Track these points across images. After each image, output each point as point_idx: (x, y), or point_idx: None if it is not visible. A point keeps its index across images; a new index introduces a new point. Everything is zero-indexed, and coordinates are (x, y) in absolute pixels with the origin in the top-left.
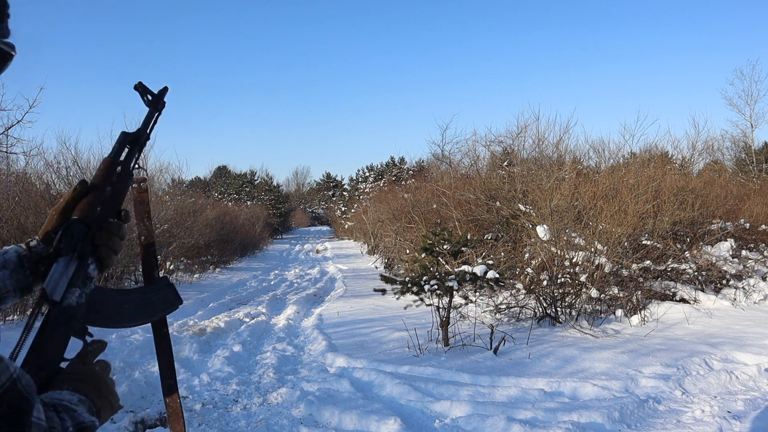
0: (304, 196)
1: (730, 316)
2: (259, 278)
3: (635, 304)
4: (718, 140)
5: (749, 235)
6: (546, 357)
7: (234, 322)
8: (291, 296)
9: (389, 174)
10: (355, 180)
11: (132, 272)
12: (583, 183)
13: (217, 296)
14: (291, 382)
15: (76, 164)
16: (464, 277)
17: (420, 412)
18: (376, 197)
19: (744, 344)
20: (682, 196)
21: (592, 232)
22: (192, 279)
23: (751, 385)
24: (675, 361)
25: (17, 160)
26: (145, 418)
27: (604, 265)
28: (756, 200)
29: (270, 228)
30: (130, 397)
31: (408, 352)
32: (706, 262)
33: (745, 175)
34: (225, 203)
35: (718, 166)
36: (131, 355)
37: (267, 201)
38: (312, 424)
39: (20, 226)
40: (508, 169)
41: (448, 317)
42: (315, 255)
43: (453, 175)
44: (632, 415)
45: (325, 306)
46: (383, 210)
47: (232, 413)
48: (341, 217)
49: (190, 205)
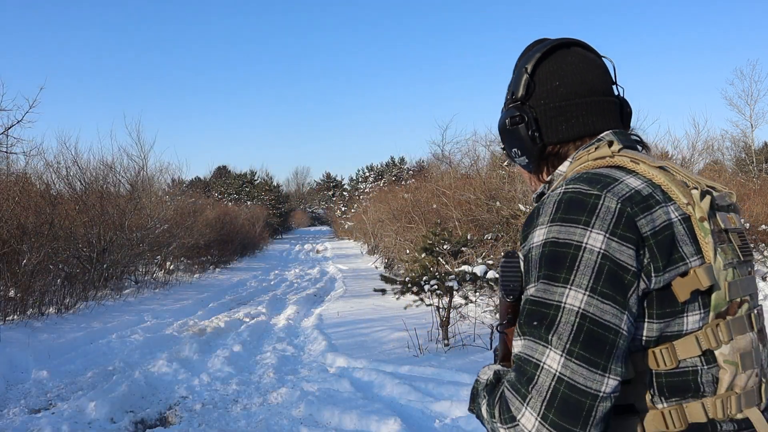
0: (304, 196)
1: None
2: (259, 278)
3: None
4: (718, 140)
5: (749, 235)
6: None
7: (234, 322)
8: (291, 296)
9: (389, 174)
10: (355, 180)
11: (132, 272)
12: None
13: (217, 296)
14: (291, 382)
15: (76, 164)
16: (464, 277)
17: (420, 412)
18: (376, 197)
19: None
20: None
21: None
22: (192, 279)
23: None
24: None
25: (17, 160)
26: (145, 418)
27: None
28: (756, 200)
29: (270, 228)
30: (130, 397)
31: (408, 352)
32: None
33: (745, 175)
34: (225, 203)
35: (718, 166)
36: (131, 355)
37: (267, 201)
38: (312, 424)
39: (20, 226)
40: (509, 169)
41: (448, 317)
42: (315, 255)
43: (453, 175)
44: None
45: (325, 306)
46: (383, 210)
47: (232, 413)
48: (341, 217)
49: (190, 205)
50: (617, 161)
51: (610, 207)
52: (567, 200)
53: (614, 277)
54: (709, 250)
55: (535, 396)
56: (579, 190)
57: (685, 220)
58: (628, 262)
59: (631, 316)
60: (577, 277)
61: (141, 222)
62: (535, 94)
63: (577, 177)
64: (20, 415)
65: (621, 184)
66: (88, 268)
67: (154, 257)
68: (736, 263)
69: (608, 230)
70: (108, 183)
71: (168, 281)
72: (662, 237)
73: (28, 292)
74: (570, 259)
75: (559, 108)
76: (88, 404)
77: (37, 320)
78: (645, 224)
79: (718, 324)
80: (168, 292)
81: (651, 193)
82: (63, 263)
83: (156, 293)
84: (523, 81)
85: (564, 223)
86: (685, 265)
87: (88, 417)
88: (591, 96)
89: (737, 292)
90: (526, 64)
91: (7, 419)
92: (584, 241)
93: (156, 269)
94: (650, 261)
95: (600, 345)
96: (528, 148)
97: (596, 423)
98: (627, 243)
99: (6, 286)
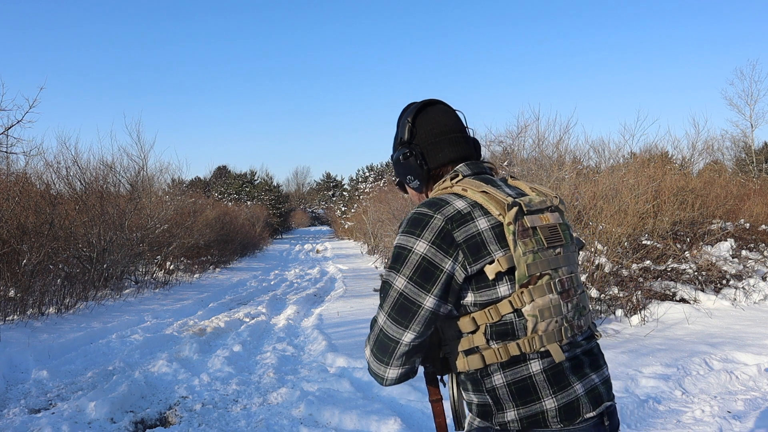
0: (304, 196)
1: (730, 316)
2: (259, 278)
3: (635, 304)
4: (718, 140)
5: (749, 235)
6: None
7: (234, 322)
8: (291, 296)
9: (389, 174)
10: (355, 180)
11: (132, 272)
12: (583, 183)
13: (217, 296)
14: (291, 382)
15: (76, 164)
16: None
17: (420, 412)
18: (376, 197)
19: (744, 344)
20: (682, 196)
21: (592, 232)
22: (192, 279)
23: (751, 385)
24: (675, 361)
25: (17, 160)
26: (145, 418)
27: (604, 265)
28: (756, 200)
29: (270, 228)
30: (130, 397)
31: None
32: (706, 262)
33: (745, 175)
34: (225, 203)
35: (718, 166)
36: (131, 355)
37: (267, 201)
38: (312, 424)
39: (20, 226)
40: (509, 169)
41: None
42: (315, 255)
43: None
44: (632, 415)
45: (325, 306)
46: (383, 210)
47: (232, 413)
48: (341, 217)
49: (190, 205)
50: (455, 190)
51: (437, 224)
52: (412, 218)
53: (426, 271)
54: (511, 244)
55: (371, 336)
56: (420, 211)
57: (497, 226)
58: (439, 263)
59: (436, 297)
60: (404, 269)
61: (141, 222)
62: (417, 136)
63: (425, 202)
64: (20, 415)
65: (450, 206)
66: (88, 268)
67: (154, 257)
68: (538, 249)
69: (431, 241)
70: (108, 183)
71: (168, 281)
72: (472, 242)
73: (28, 292)
74: (403, 257)
75: (434, 143)
76: (88, 404)
77: (37, 320)
78: (459, 235)
79: (522, 291)
80: (168, 292)
81: (470, 212)
82: (63, 263)
83: (156, 293)
84: (408, 128)
85: (406, 234)
86: (490, 257)
87: (88, 417)
88: (452, 134)
89: (536, 269)
90: (408, 117)
91: (7, 419)
92: (414, 247)
93: (156, 269)
94: (464, 258)
95: (405, 312)
96: (419, 174)
97: (398, 357)
98: (441, 250)
99: (6, 286)
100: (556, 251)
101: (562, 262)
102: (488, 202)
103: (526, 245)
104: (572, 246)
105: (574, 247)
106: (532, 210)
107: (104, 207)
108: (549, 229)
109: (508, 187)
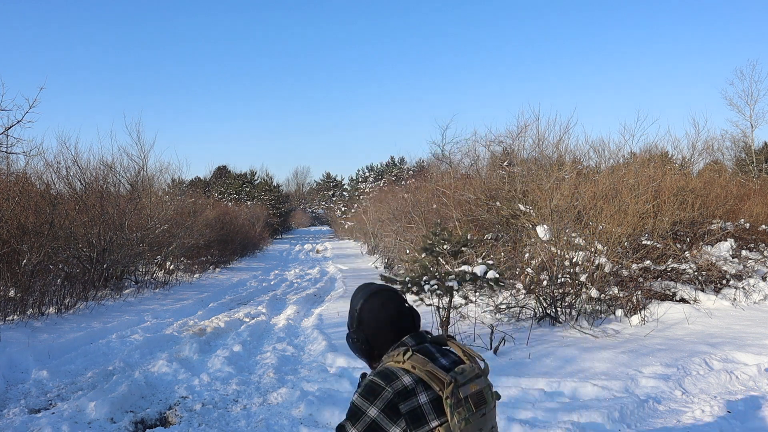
0: (304, 196)
1: (730, 316)
2: (259, 278)
3: (635, 304)
4: (718, 140)
5: (749, 235)
6: (546, 357)
7: (234, 322)
8: (291, 296)
9: (389, 174)
10: (355, 180)
11: (132, 272)
12: (583, 183)
13: (217, 296)
14: (291, 382)
15: (76, 164)
16: (464, 277)
17: None
18: (376, 197)
19: (744, 344)
20: (682, 196)
21: (592, 232)
22: (192, 279)
23: (751, 385)
24: (675, 361)
25: (17, 160)
26: (145, 418)
27: (604, 265)
28: (756, 200)
29: (270, 228)
30: (130, 397)
31: None
32: (706, 262)
33: (745, 175)
34: (225, 203)
35: (718, 166)
36: (131, 355)
37: (267, 201)
38: (312, 424)
39: (20, 226)
40: (509, 169)
41: (448, 317)
42: (315, 255)
43: (453, 175)
44: (632, 415)
45: (325, 306)
46: (383, 210)
47: (232, 413)
48: (341, 217)
49: (190, 205)
50: (405, 366)
51: (387, 396)
52: (367, 384)
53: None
54: (449, 415)
55: None
56: (376, 381)
57: (436, 399)
58: (385, 426)
59: None
60: (358, 425)
61: (141, 222)
62: (363, 323)
63: (380, 371)
64: (20, 415)
65: (399, 381)
66: (88, 268)
67: (154, 257)
68: (469, 416)
69: (381, 409)
70: (108, 183)
71: (168, 281)
72: (414, 414)
73: (28, 292)
74: (357, 417)
75: (377, 329)
76: (88, 404)
77: (37, 320)
78: (404, 407)
79: None
80: (168, 292)
81: (413, 389)
82: (63, 263)
83: (156, 293)
84: (356, 316)
85: (362, 397)
86: (428, 426)
87: (88, 417)
88: (391, 323)
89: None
90: (356, 306)
91: (7, 419)
92: (367, 411)
93: (156, 269)
94: (407, 425)
95: None
96: (366, 353)
97: None
98: (387, 417)
99: (6, 286)
100: (482, 413)
101: (488, 422)
102: (431, 380)
103: (460, 414)
104: (492, 403)
105: (493, 403)
106: (464, 382)
107: (104, 207)
108: (476, 395)
109: (444, 356)
